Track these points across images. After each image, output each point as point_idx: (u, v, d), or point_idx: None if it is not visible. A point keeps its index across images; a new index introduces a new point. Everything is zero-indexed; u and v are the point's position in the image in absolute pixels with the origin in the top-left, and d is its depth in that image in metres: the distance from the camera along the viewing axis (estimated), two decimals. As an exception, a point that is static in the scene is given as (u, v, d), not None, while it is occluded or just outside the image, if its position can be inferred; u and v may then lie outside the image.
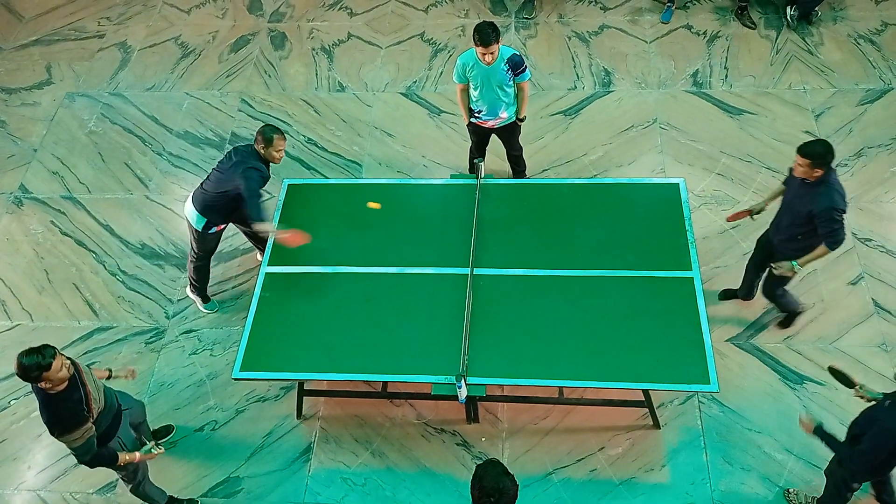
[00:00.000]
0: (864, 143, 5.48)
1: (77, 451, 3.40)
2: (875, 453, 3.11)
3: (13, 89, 6.56)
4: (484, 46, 4.30)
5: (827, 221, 3.70)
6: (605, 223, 4.39)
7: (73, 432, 3.31)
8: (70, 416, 3.31)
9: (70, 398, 3.32)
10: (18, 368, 3.19)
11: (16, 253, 5.50)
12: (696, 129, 5.68)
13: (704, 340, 3.86)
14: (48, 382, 3.22)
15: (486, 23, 4.33)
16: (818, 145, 3.65)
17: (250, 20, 6.90)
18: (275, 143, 4.24)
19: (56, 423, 3.31)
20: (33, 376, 3.18)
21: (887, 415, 3.06)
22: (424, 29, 6.64)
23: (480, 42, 4.30)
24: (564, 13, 6.61)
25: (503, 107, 4.69)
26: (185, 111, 6.22)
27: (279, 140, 4.26)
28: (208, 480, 4.34)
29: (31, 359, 3.16)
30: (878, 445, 3.08)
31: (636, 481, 4.15)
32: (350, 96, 6.20)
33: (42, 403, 3.33)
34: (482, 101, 4.67)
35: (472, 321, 4.02)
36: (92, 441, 3.40)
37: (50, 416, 3.32)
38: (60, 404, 3.31)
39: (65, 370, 3.25)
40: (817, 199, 3.69)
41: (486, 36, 4.27)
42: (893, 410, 3.05)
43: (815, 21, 6.25)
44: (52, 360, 3.18)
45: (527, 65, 4.60)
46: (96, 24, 7.02)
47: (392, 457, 4.35)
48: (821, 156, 3.60)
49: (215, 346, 4.88)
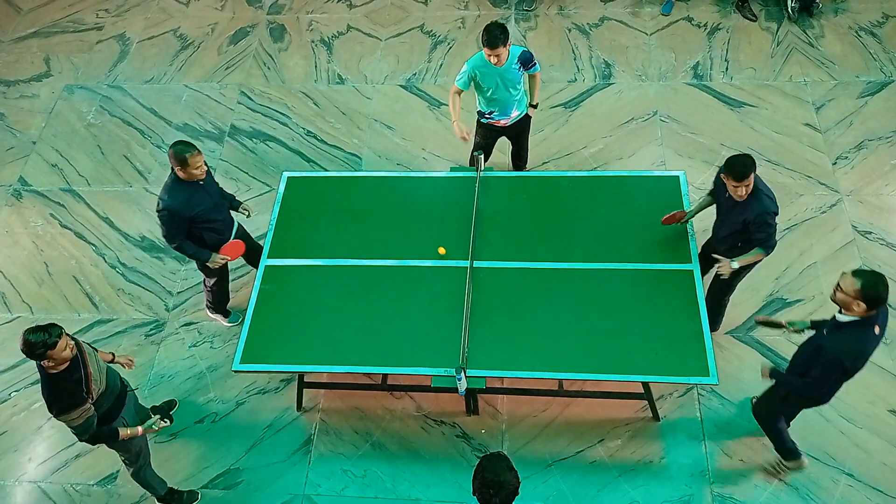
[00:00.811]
0: (864, 135, 5.47)
1: (76, 429, 3.45)
2: (827, 379, 3.38)
3: (12, 81, 6.54)
4: (491, 49, 4.20)
5: (761, 226, 3.74)
6: (605, 216, 4.39)
7: (71, 412, 3.36)
8: (69, 396, 3.35)
9: (70, 378, 3.36)
10: (24, 345, 3.23)
11: (15, 245, 5.50)
12: (697, 121, 5.66)
13: (704, 333, 3.87)
14: (51, 361, 3.27)
15: (494, 24, 4.24)
16: (737, 163, 3.60)
17: (249, 12, 6.88)
18: (191, 162, 3.92)
19: (55, 403, 3.36)
20: (37, 353, 3.23)
21: (830, 342, 3.30)
22: (424, 21, 6.61)
23: (487, 44, 4.20)
24: (564, 5, 6.59)
25: (514, 105, 4.67)
26: (184, 103, 6.20)
27: (194, 157, 3.92)
28: (209, 472, 4.36)
29: (38, 336, 3.21)
30: (828, 371, 3.34)
31: (635, 473, 4.17)
32: (349, 89, 6.18)
33: (43, 382, 3.39)
34: (494, 104, 4.62)
35: (471, 314, 4.03)
36: (90, 421, 3.43)
37: (49, 394, 3.37)
38: (60, 384, 3.35)
39: (68, 350, 3.30)
40: (749, 208, 3.73)
41: (492, 39, 4.17)
42: (834, 336, 3.31)
43: (816, 13, 6.23)
44: (58, 339, 3.23)
45: (536, 60, 4.55)
46: (95, 17, 6.99)
47: (392, 449, 4.36)
48: (742, 171, 3.58)
49: (215, 339, 4.89)
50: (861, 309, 3.17)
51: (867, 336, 3.26)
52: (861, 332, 3.25)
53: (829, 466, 4.12)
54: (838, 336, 3.28)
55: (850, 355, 3.26)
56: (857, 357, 3.28)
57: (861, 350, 3.28)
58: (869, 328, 3.25)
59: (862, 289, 3.13)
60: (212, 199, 4.19)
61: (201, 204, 4.10)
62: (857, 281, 3.14)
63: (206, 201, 4.14)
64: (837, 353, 3.26)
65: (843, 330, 3.28)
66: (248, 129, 5.97)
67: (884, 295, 3.14)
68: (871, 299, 3.14)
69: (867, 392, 4.34)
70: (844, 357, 3.26)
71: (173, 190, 4.04)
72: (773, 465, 4.10)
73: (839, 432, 4.22)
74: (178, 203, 4.02)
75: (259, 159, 5.78)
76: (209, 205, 4.15)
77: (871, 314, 3.20)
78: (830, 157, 5.38)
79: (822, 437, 4.21)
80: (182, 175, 3.99)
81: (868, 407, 4.30)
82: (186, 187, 4.03)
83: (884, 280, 3.16)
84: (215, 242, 4.32)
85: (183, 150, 3.93)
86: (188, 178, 4.00)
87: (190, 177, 3.99)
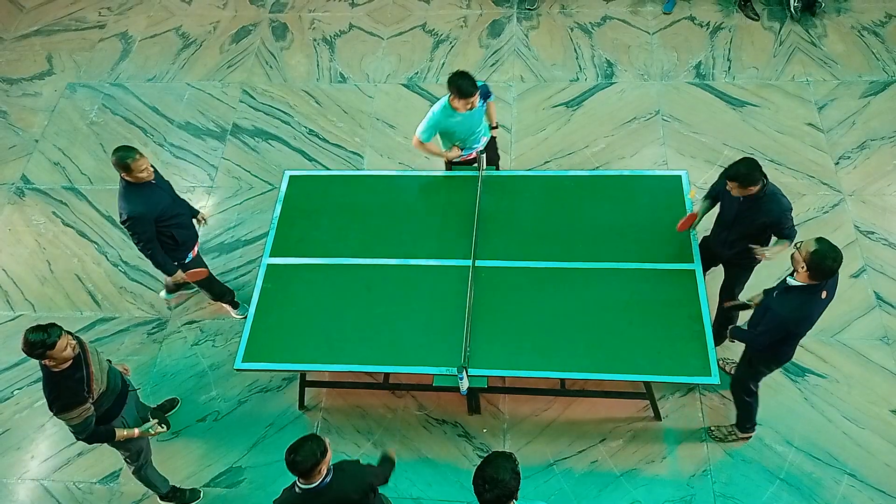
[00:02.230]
0: (867, 135, 5.46)
1: (74, 428, 3.46)
2: (770, 334, 3.49)
3: (14, 80, 6.55)
4: (465, 98, 4.10)
5: (786, 222, 3.80)
6: (607, 215, 4.39)
7: (71, 411, 3.37)
8: (70, 395, 3.37)
9: (71, 377, 3.37)
10: (24, 344, 3.25)
11: (18, 243, 5.50)
12: (699, 120, 5.66)
13: (706, 332, 3.87)
14: (52, 360, 3.28)
15: (461, 74, 4.09)
16: (741, 166, 3.64)
17: (252, 10, 6.88)
18: (134, 166, 3.90)
19: (55, 401, 3.37)
20: (37, 353, 3.24)
21: (777, 303, 3.42)
22: (426, 20, 6.61)
23: (461, 95, 4.08)
24: (567, 4, 6.58)
25: (480, 136, 4.57)
26: (186, 102, 6.20)
27: (137, 161, 3.90)
28: (211, 470, 4.36)
29: (37, 336, 3.23)
30: (772, 330, 3.47)
31: (637, 473, 4.17)
32: (351, 87, 6.18)
33: (45, 379, 3.39)
34: (465, 143, 4.51)
35: (473, 313, 4.03)
36: (89, 421, 3.45)
37: (50, 392, 3.38)
38: (62, 382, 3.36)
39: (69, 350, 3.31)
40: (767, 210, 3.75)
41: (467, 88, 4.07)
42: (780, 298, 3.41)
43: (819, 12, 6.22)
44: (57, 340, 3.25)
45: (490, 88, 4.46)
46: (97, 15, 7.00)
47: (393, 447, 4.35)
48: (745, 176, 3.62)
49: (217, 337, 4.89)
50: (804, 274, 3.27)
51: (812, 301, 3.37)
52: (806, 299, 3.36)
53: (831, 467, 4.12)
54: (785, 299, 3.39)
55: (794, 319, 3.39)
56: (800, 321, 3.41)
57: (805, 314, 3.40)
58: (815, 294, 3.35)
59: (812, 254, 3.21)
60: (168, 194, 4.21)
61: (161, 201, 4.11)
62: (813, 245, 3.24)
63: (164, 197, 4.15)
64: (782, 317, 3.39)
65: (790, 294, 3.38)
66: (250, 128, 5.97)
67: (827, 267, 3.22)
68: (814, 267, 3.23)
69: (869, 392, 4.34)
70: (788, 321, 3.39)
71: (129, 196, 4.02)
72: (725, 429, 4.19)
73: (841, 432, 4.22)
74: (139, 207, 4.00)
75: (261, 158, 5.78)
76: (168, 200, 4.17)
77: (815, 283, 3.30)
78: (833, 156, 5.37)
79: (825, 437, 4.21)
80: (131, 179, 3.97)
81: (870, 407, 4.29)
82: (141, 189, 4.02)
83: (836, 256, 3.23)
84: (186, 239, 4.31)
85: (124, 156, 3.90)
86: (137, 181, 3.98)
87: (138, 180, 3.98)
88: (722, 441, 4.20)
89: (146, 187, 4.03)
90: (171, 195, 4.23)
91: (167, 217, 4.14)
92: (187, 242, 4.34)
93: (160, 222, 4.11)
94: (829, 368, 4.44)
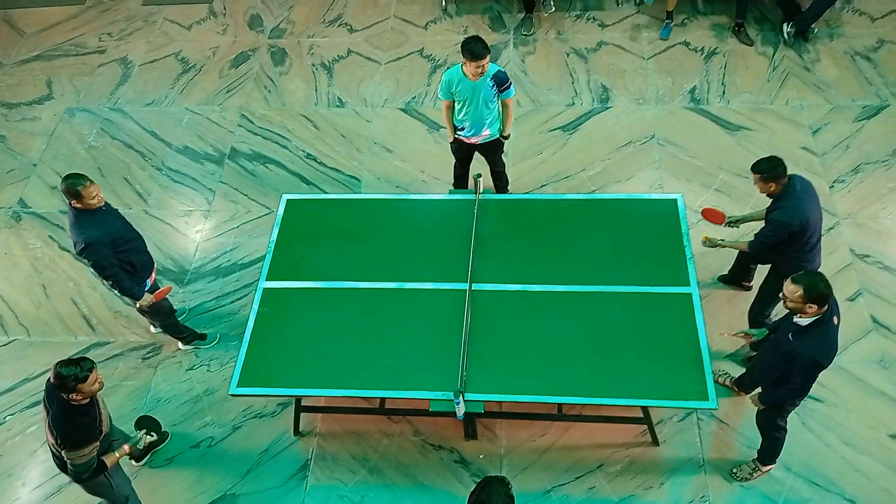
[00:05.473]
0: (861, 159, 5.50)
1: (79, 467, 3.41)
2: (810, 381, 3.48)
3: (14, 104, 6.58)
4: (476, 61, 4.32)
5: (766, 225, 3.97)
6: (603, 239, 4.40)
7: (84, 448, 3.34)
8: (87, 431, 3.35)
9: (89, 413, 3.36)
10: (55, 377, 3.23)
11: (14, 267, 5.49)
12: (694, 144, 5.70)
13: (703, 357, 3.85)
14: (80, 394, 3.26)
15: (475, 37, 4.36)
16: (765, 161, 3.87)
17: (251, 36, 6.95)
18: (85, 193, 3.93)
19: (71, 436, 3.33)
20: (69, 387, 3.22)
21: (801, 347, 3.39)
22: (423, 45, 6.68)
23: (473, 57, 4.32)
24: (563, 29, 6.66)
25: (487, 123, 4.71)
26: (184, 126, 6.24)
27: (87, 189, 3.92)
28: (204, 497, 4.31)
29: (70, 370, 3.22)
30: (809, 374, 3.44)
31: (635, 499, 4.12)
32: (349, 112, 6.22)
33: (60, 414, 3.33)
34: (467, 118, 4.69)
35: (470, 337, 4.01)
36: (93, 461, 3.43)
37: (66, 427, 3.33)
38: (79, 417, 3.33)
39: (97, 384, 3.32)
40: (773, 209, 3.94)
41: (479, 50, 4.30)
42: (802, 341, 3.39)
43: (812, 38, 6.29)
44: (89, 374, 3.25)
45: (511, 82, 4.62)
46: (97, 40, 7.06)
47: (389, 474, 4.32)
48: (766, 170, 3.83)
49: (212, 362, 4.86)
50: (813, 310, 3.32)
51: (830, 331, 3.41)
52: (825, 331, 3.39)
53: (830, 492, 4.08)
54: (806, 339, 3.40)
55: (824, 353, 3.40)
56: (829, 353, 3.42)
57: (830, 346, 3.42)
58: (829, 323, 3.39)
59: (806, 293, 3.27)
60: (120, 219, 4.23)
61: (114, 225, 4.13)
62: (799, 287, 3.28)
63: (117, 222, 4.17)
64: (813, 356, 3.38)
65: (809, 332, 3.40)
66: (248, 152, 6.00)
67: (825, 291, 3.29)
68: (816, 299, 3.28)
69: (867, 417, 4.31)
70: (820, 357, 3.40)
71: (82, 223, 4.02)
72: (748, 468, 4.13)
73: (840, 457, 4.19)
74: (93, 233, 4.00)
75: (259, 181, 5.79)
76: (121, 224, 4.20)
77: (824, 310, 3.35)
78: (827, 180, 5.40)
79: (823, 462, 4.18)
80: (81, 206, 3.98)
81: (869, 432, 4.27)
82: (93, 216, 4.04)
83: (822, 277, 3.31)
84: (143, 264, 4.32)
85: (75, 183, 3.92)
86: (87, 207, 3.99)
87: (89, 206, 3.99)
88: (747, 480, 4.13)
89: (98, 213, 4.05)
90: (123, 221, 4.25)
91: (123, 241, 4.15)
92: (145, 269, 4.35)
93: (117, 247, 4.11)
94: (827, 393, 4.42)
